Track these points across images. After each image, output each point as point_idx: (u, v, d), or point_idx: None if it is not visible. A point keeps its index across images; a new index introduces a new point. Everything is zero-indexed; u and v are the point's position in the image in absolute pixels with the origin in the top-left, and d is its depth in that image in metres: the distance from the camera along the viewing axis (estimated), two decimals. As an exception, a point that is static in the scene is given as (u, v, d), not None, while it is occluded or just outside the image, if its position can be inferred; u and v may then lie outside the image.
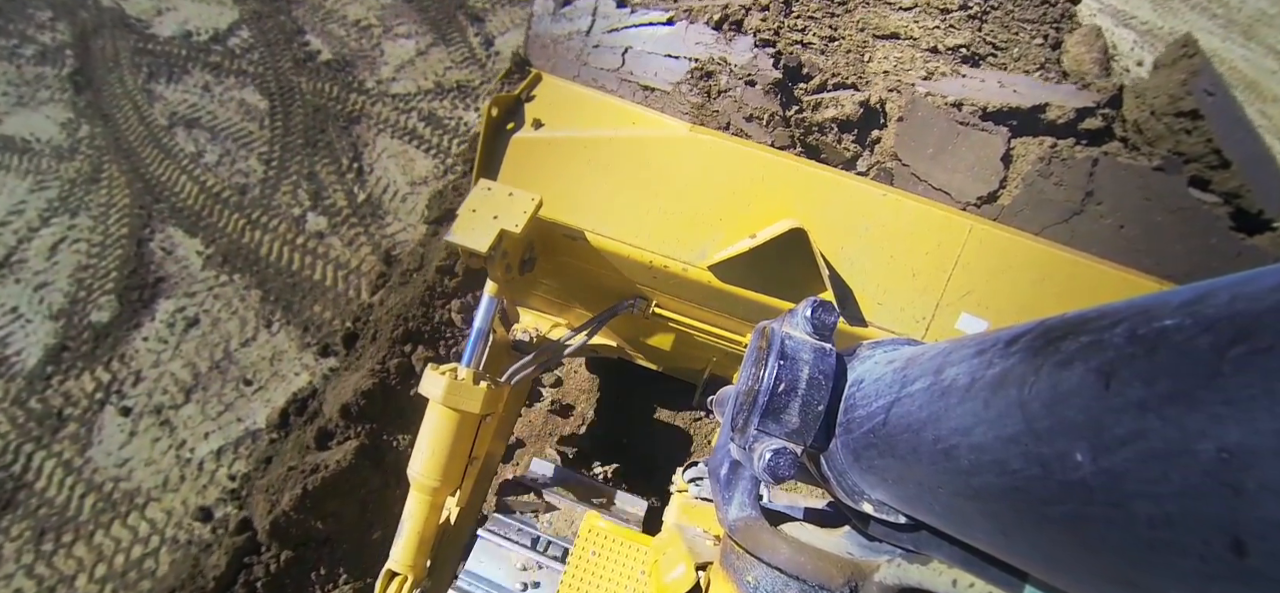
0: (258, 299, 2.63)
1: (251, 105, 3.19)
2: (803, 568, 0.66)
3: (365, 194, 2.94)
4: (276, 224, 2.83)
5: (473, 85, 3.37)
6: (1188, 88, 1.59)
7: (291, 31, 3.49)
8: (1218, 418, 0.24)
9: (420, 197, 2.96)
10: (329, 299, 2.66)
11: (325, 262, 2.76)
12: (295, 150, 3.06)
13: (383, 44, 3.51)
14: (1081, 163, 1.44)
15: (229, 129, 3.11)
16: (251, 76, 3.30)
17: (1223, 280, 0.28)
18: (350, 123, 3.17)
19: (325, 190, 2.94)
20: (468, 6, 3.71)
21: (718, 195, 1.31)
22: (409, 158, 3.08)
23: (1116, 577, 0.32)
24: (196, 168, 2.97)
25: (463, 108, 3.28)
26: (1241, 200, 1.50)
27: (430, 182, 3.01)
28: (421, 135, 3.16)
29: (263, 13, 3.55)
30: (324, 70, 3.35)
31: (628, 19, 1.54)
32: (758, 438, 0.62)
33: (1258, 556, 0.23)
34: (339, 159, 3.04)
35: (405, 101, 3.27)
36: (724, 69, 1.50)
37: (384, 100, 3.26)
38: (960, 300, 1.29)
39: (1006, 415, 0.37)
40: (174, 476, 2.27)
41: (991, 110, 1.61)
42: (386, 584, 1.29)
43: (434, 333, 2.45)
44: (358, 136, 3.14)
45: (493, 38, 3.60)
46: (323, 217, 2.85)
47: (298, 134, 3.12)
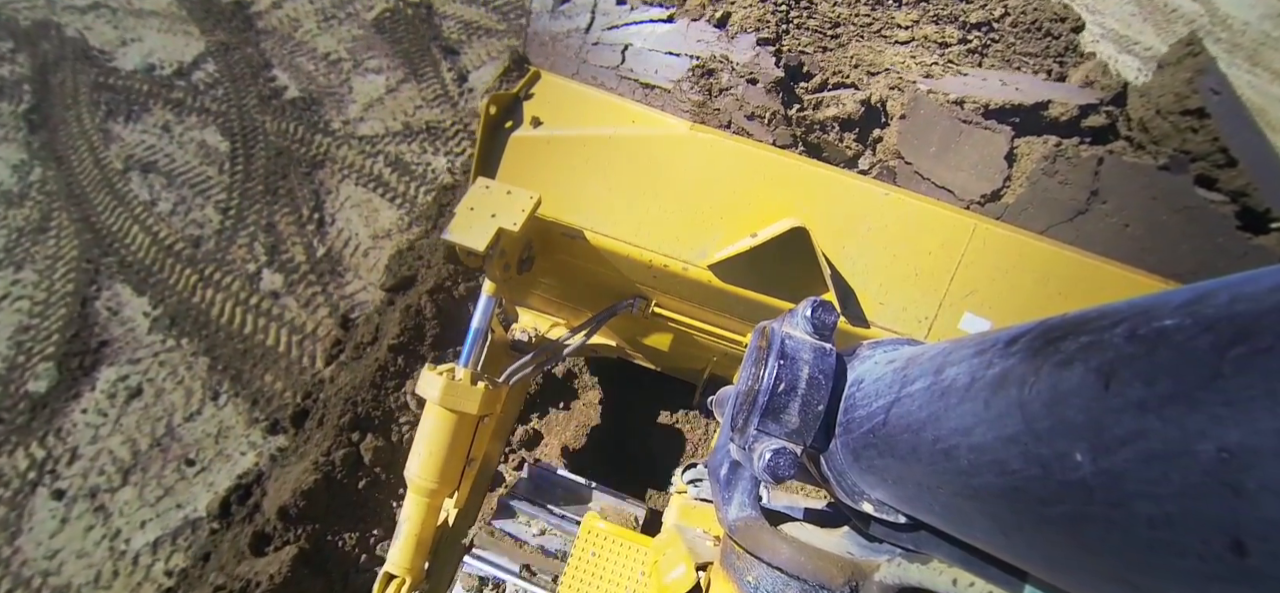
0: (205, 367, 2.43)
1: (212, 147, 3.02)
2: (803, 568, 0.65)
3: (325, 248, 2.75)
4: (230, 282, 2.64)
5: (443, 126, 3.18)
6: (1193, 86, 1.57)
7: (258, 65, 3.33)
8: (1218, 418, 0.24)
9: (382, 251, 2.76)
10: (281, 368, 2.45)
11: (279, 325, 2.55)
12: (254, 198, 2.88)
13: (352, 80, 3.33)
14: (1086, 162, 1.43)
15: (186, 174, 2.94)
16: (214, 115, 3.13)
17: (1223, 281, 0.28)
18: (313, 167, 2.99)
19: (283, 243, 2.75)
20: (442, 38, 3.54)
21: (718, 194, 1.31)
22: (373, 207, 2.90)
23: (1116, 577, 0.32)
24: (150, 217, 2.77)
25: (431, 151, 3.09)
26: (1248, 199, 1.49)
27: (393, 234, 2.81)
28: (387, 182, 2.98)
29: (230, 44, 3.38)
30: (289, 109, 3.18)
31: (627, 16, 1.54)
32: (758, 438, 0.62)
33: (1258, 556, 0.23)
34: (299, 208, 2.85)
35: (372, 144, 3.09)
36: (725, 67, 1.50)
37: (350, 143, 3.09)
38: (963, 300, 1.28)
39: (1006, 415, 0.37)
40: (107, 570, 2.07)
41: (994, 108, 1.60)
42: (384, 586, 1.29)
43: (385, 418, 2.22)
44: (320, 183, 2.95)
45: (467, 72, 3.41)
46: (279, 273, 2.66)
47: (258, 180, 2.94)
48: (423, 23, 3.57)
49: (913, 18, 1.83)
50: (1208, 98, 1.55)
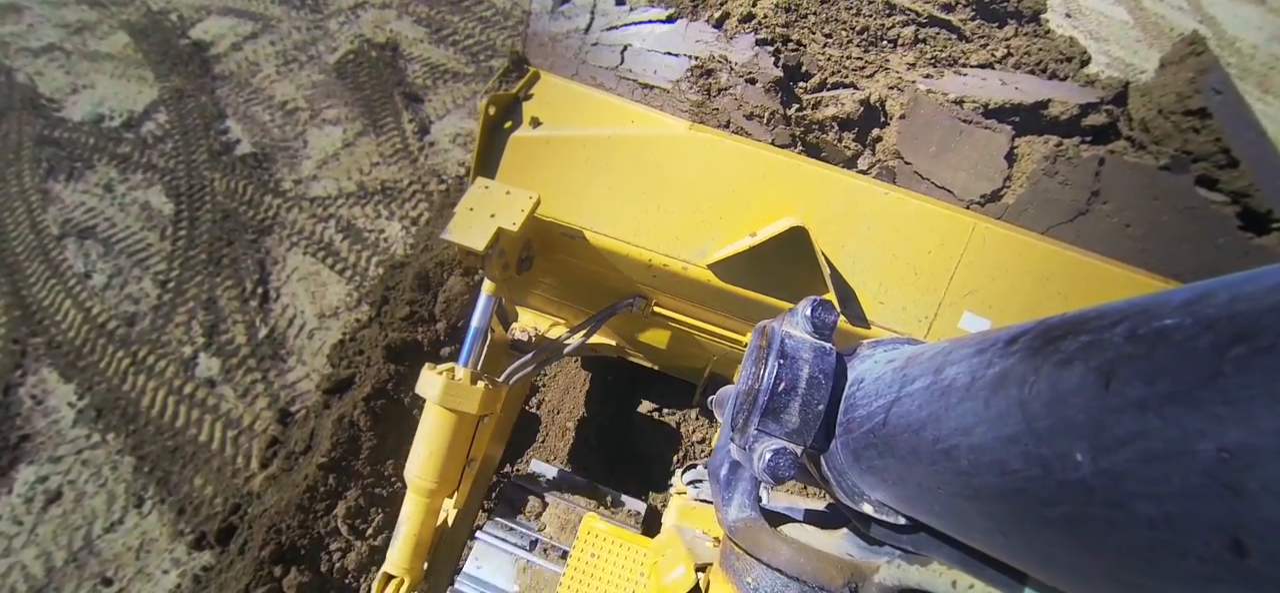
0: (131, 468, 2.19)
1: (155, 210, 2.80)
2: (803, 569, 0.65)
3: (268, 328, 2.52)
4: (163, 367, 2.41)
5: (399, 187, 2.96)
6: (1196, 86, 1.57)
7: (212, 115, 3.15)
8: (1218, 418, 0.24)
9: (329, 332, 2.51)
10: (212, 469, 2.21)
11: (214, 418, 2.32)
12: (196, 269, 2.66)
13: (308, 132, 3.13)
14: (1087, 162, 1.43)
15: (126, 241, 2.71)
16: (160, 173, 2.92)
17: (1223, 280, 0.28)
18: (261, 233, 2.77)
19: (224, 321, 2.53)
20: (406, 83, 3.36)
21: (717, 193, 1.31)
22: (321, 281, 2.67)
23: (1116, 578, 0.32)
24: (83, 291, 2.54)
25: (386, 215, 2.87)
26: (1250, 200, 1.48)
27: (341, 313, 2.58)
28: (337, 251, 2.76)
29: (184, 91, 3.21)
30: (240, 166, 2.98)
31: (627, 16, 1.54)
32: (757, 438, 0.62)
33: (1258, 556, 0.23)
34: (243, 281, 2.63)
35: (324, 207, 2.88)
36: (724, 67, 1.50)
37: (301, 205, 2.87)
38: (963, 299, 1.28)
39: (1006, 415, 0.37)
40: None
41: (994, 108, 1.60)
42: (383, 587, 1.29)
43: (313, 547, 1.96)
44: (267, 252, 2.73)
45: (429, 123, 3.21)
46: (216, 358, 2.44)
47: (202, 247, 2.72)
48: (387, 67, 3.42)
49: (908, 61, 1.83)
50: (1210, 98, 1.54)
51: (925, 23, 1.77)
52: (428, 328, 2.38)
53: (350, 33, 3.61)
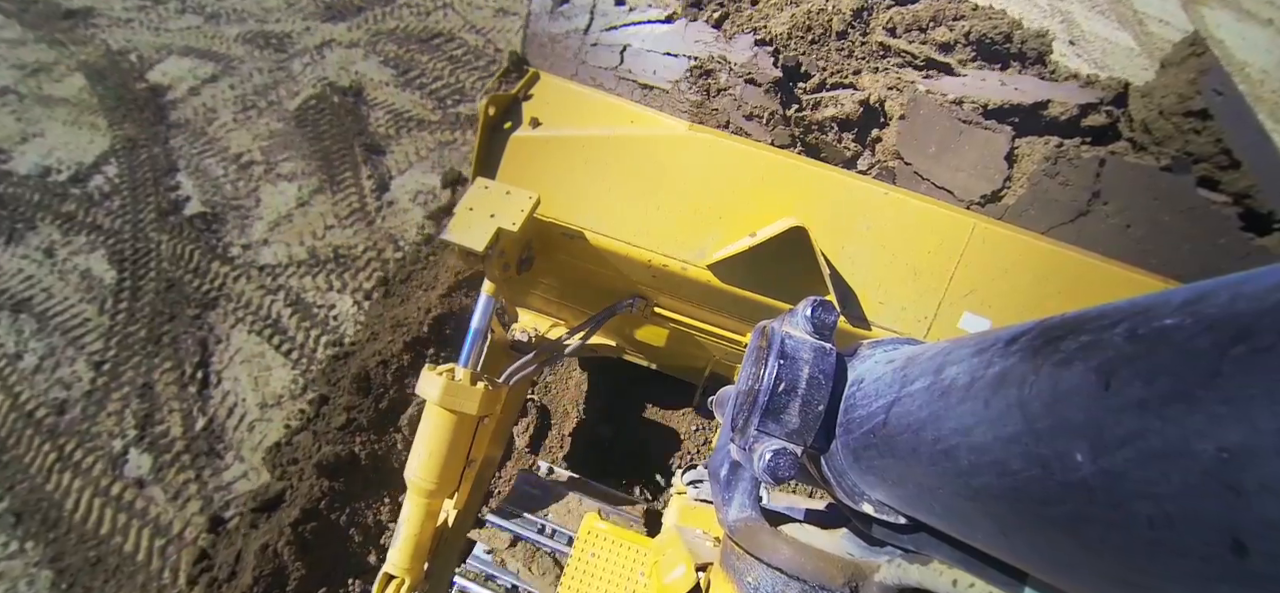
0: (48, 583, 1.98)
1: (96, 278, 2.58)
2: (803, 569, 0.65)
3: (205, 418, 2.31)
4: (91, 463, 2.19)
5: (353, 254, 2.74)
6: (1197, 87, 1.57)
7: (163, 168, 2.95)
8: (1218, 418, 0.24)
9: (270, 426, 2.30)
10: (136, 586, 2.00)
11: (141, 523, 2.11)
12: (134, 349, 2.44)
13: (261, 188, 2.93)
14: (1088, 162, 1.43)
15: (63, 315, 2.49)
16: (105, 235, 2.71)
17: (1223, 280, 0.28)
18: (205, 307, 2.56)
19: (159, 410, 2.31)
20: (368, 132, 3.16)
21: (717, 194, 1.31)
22: (265, 364, 2.46)
23: (1116, 577, 0.32)
24: (13, 373, 2.34)
25: (337, 286, 2.65)
26: (1251, 201, 1.48)
27: (284, 402, 2.36)
28: (284, 329, 2.55)
29: (137, 141, 3.01)
30: (189, 228, 2.77)
31: (626, 17, 1.54)
32: (758, 438, 0.62)
33: (1258, 556, 0.23)
34: (183, 363, 2.42)
35: (273, 276, 2.67)
36: (724, 67, 1.50)
37: (249, 274, 2.66)
38: (963, 300, 1.28)
39: (1006, 415, 0.37)
40: None
41: (993, 108, 1.60)
42: (383, 587, 1.29)
43: None
44: (210, 329, 2.51)
45: (389, 179, 3.01)
46: (148, 454, 2.22)
47: (142, 323, 2.50)
48: (349, 114, 3.22)
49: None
50: (1211, 99, 1.54)
51: (922, 65, 1.77)
52: (365, 437, 2.19)
53: (314, 75, 3.41)
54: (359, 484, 2.17)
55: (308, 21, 3.73)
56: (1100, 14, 4.70)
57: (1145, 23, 4.65)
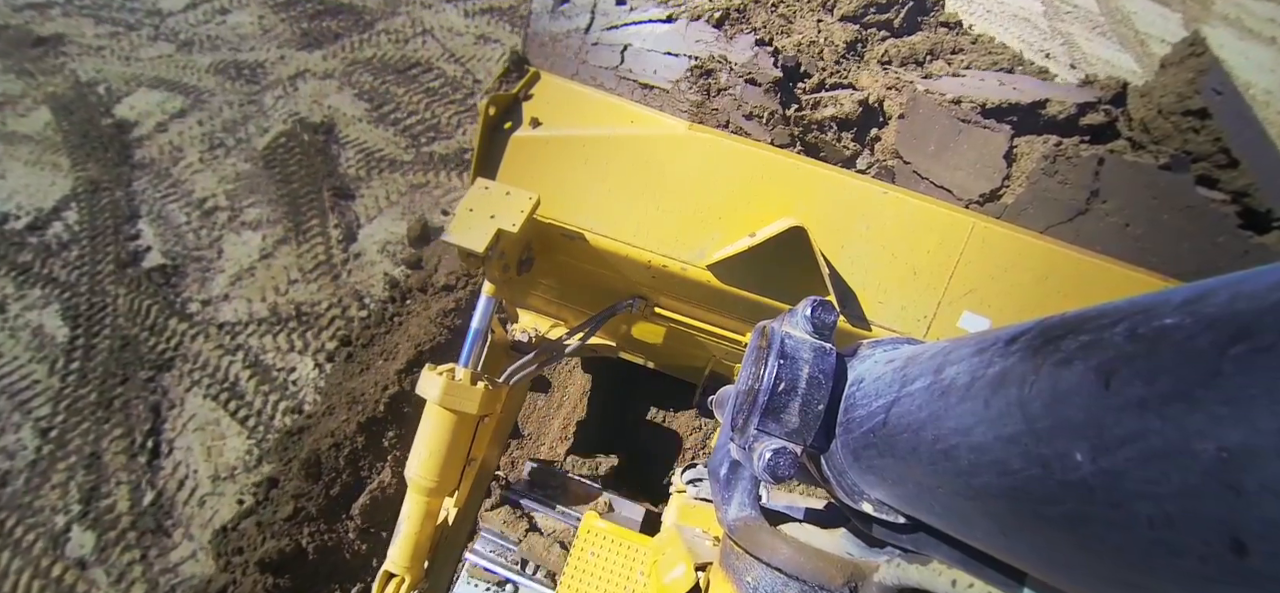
0: None
1: (49, 335, 2.45)
2: (802, 568, 0.65)
3: (154, 492, 2.17)
4: (31, 541, 2.06)
5: (316, 311, 2.59)
6: (1195, 86, 1.57)
7: (125, 215, 2.81)
8: (1218, 418, 0.24)
9: (222, 500, 2.17)
10: None
11: None
12: (84, 414, 2.30)
13: (224, 238, 2.78)
14: (1087, 161, 1.43)
15: (11, 376, 2.37)
16: (61, 288, 2.58)
17: (1223, 279, 0.28)
18: (160, 369, 2.42)
19: (107, 482, 2.17)
20: (338, 174, 3.00)
21: (716, 194, 1.31)
22: (219, 432, 2.32)
23: (1116, 577, 0.32)
24: None
25: (299, 347, 2.50)
26: (1250, 200, 1.48)
27: (237, 475, 2.23)
28: (241, 394, 2.41)
29: (100, 183, 2.87)
30: (147, 281, 2.62)
31: (627, 17, 1.54)
32: (757, 438, 0.62)
33: (1258, 556, 0.23)
34: (134, 430, 2.28)
35: (232, 335, 2.53)
36: (724, 67, 1.50)
37: (207, 333, 2.53)
38: (962, 299, 1.28)
39: (1006, 415, 0.37)
40: None
41: (992, 107, 1.60)
42: (384, 586, 1.29)
43: None
44: (164, 393, 2.37)
45: (356, 227, 2.86)
46: (91, 531, 2.09)
47: (93, 385, 2.37)
48: (319, 154, 3.08)
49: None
50: (1210, 98, 1.54)
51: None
52: (314, 528, 2.04)
53: (285, 110, 3.26)
54: (305, 580, 2.00)
55: (282, 49, 3.57)
56: (1101, 35, 4.65)
57: (1146, 43, 4.59)
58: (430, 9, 3.96)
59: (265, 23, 3.76)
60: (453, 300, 2.54)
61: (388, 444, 2.24)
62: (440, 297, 2.59)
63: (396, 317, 2.61)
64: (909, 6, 1.99)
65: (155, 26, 3.66)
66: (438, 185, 3.10)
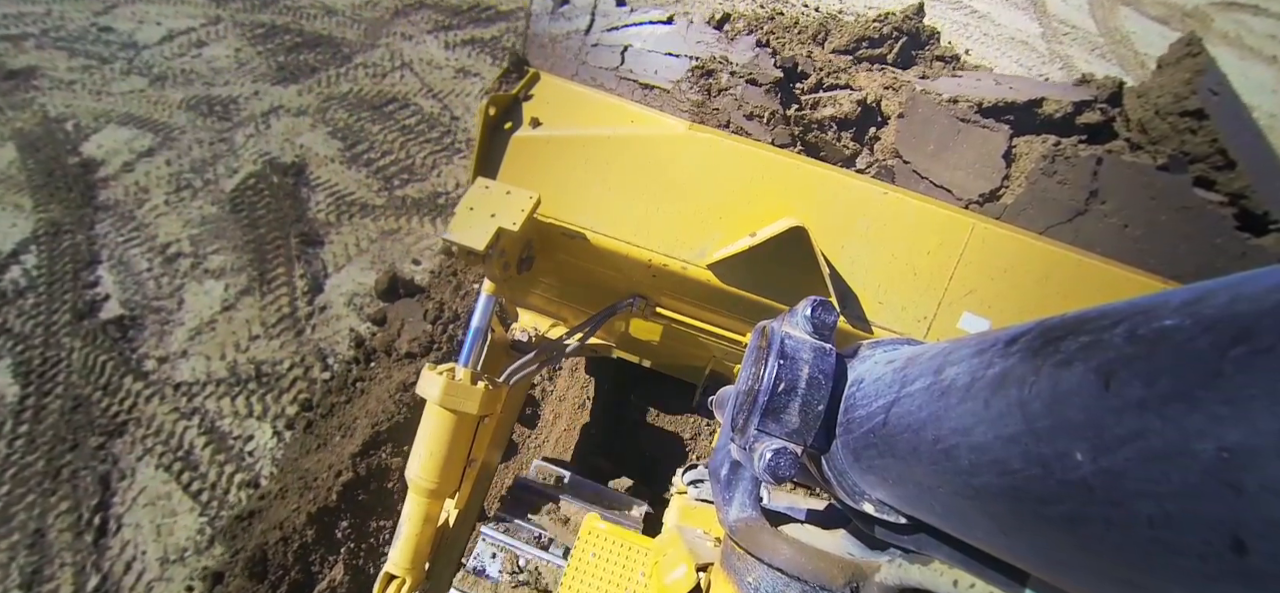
0: None
1: None
2: (803, 569, 0.65)
3: (100, 576, 2.02)
4: None
5: (278, 371, 2.46)
6: (1192, 87, 1.58)
7: (85, 260, 2.68)
8: (1218, 418, 0.24)
9: (170, 586, 2.02)
10: None
11: None
12: (30, 485, 2.15)
13: (186, 288, 2.65)
14: (1085, 161, 1.44)
15: None
16: (15, 340, 2.45)
17: (1223, 280, 0.28)
18: (111, 434, 2.27)
19: (50, 563, 2.02)
20: (307, 218, 2.88)
21: (717, 194, 1.31)
22: (171, 508, 2.17)
23: (1117, 577, 0.32)
24: None
25: (258, 412, 2.37)
26: (1247, 201, 1.49)
27: (188, 557, 2.08)
28: (195, 463, 2.26)
29: (61, 226, 2.76)
30: (103, 334, 2.48)
31: (627, 17, 1.55)
32: (758, 438, 0.62)
33: (1258, 555, 0.23)
34: (81, 505, 2.14)
35: (189, 397, 2.38)
36: (725, 68, 1.50)
37: (163, 393, 2.38)
38: (962, 300, 1.28)
39: (1006, 415, 0.37)
40: None
41: (988, 106, 1.61)
42: (385, 587, 1.29)
43: None
44: (115, 462, 2.21)
45: (323, 277, 2.73)
46: None
47: (41, 452, 2.21)
48: (288, 197, 2.97)
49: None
50: (1207, 99, 1.55)
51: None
52: None
53: (256, 149, 3.16)
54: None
55: (257, 84, 3.49)
56: (1100, 56, 4.63)
57: (1147, 64, 4.58)
58: (411, 40, 3.90)
59: (241, 56, 3.67)
60: (414, 371, 2.38)
61: (340, 536, 2.10)
62: (403, 365, 2.44)
63: (359, 381, 2.45)
64: (903, 41, 1.99)
65: (129, 60, 3.56)
66: (409, 232, 2.99)
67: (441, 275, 2.81)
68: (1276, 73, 4.68)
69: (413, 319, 2.63)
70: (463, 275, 2.74)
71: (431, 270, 2.86)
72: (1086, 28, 4.96)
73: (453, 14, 4.22)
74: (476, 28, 4.12)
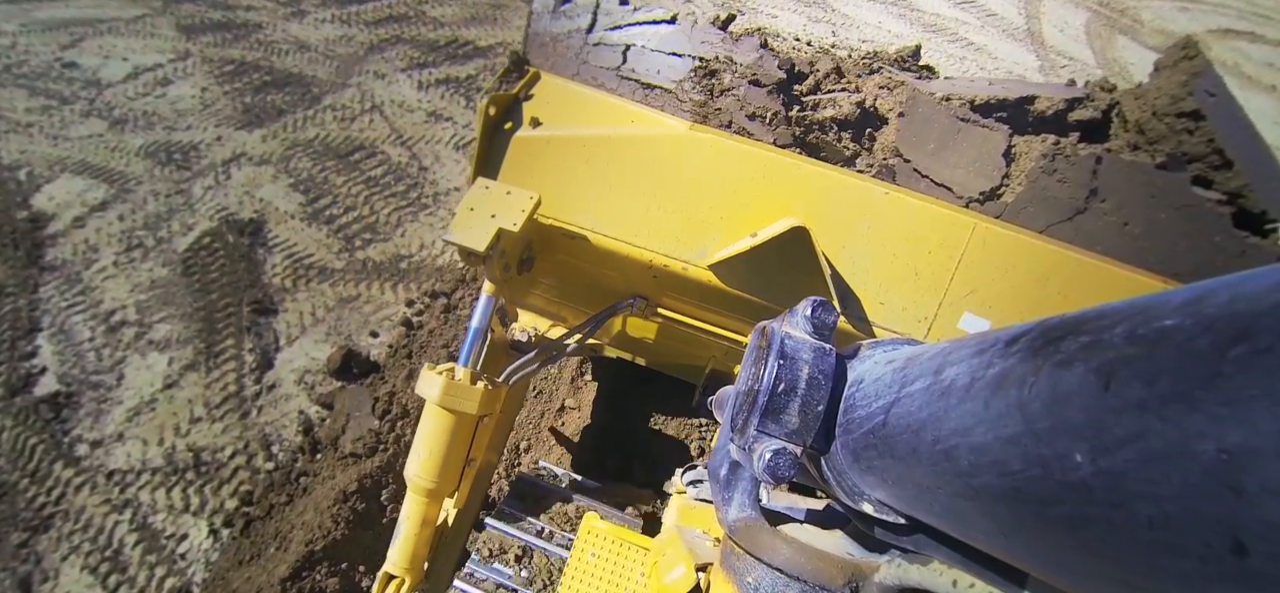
0: None
1: None
2: (803, 569, 0.66)
3: None
4: None
5: (219, 459, 2.26)
6: (1189, 88, 1.58)
7: (25, 327, 2.50)
8: (1218, 419, 0.24)
9: None
10: None
11: None
12: None
13: (128, 360, 2.46)
14: (1084, 159, 1.44)
15: None
16: None
17: (1222, 280, 0.28)
18: (36, 530, 2.09)
19: None
20: (262, 284, 2.71)
21: (718, 194, 1.31)
22: None
23: (1116, 578, 0.32)
24: None
25: (193, 507, 2.19)
26: (1244, 200, 1.49)
27: None
28: (124, 565, 2.05)
29: (3, 288, 2.60)
30: (36, 413, 2.31)
31: (630, 17, 1.54)
32: (757, 438, 0.62)
33: (1258, 557, 0.23)
34: None
35: (122, 486, 2.19)
36: (728, 68, 1.50)
37: (95, 482, 2.19)
38: (963, 300, 1.28)
39: (1006, 416, 0.37)
40: None
41: (979, 103, 1.62)
42: (384, 587, 1.29)
43: None
44: (38, 562, 2.03)
45: (274, 352, 2.55)
46: None
47: None
48: (243, 259, 2.80)
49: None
50: (1203, 100, 1.55)
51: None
52: None
53: (214, 203, 2.98)
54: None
55: (221, 128, 3.31)
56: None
57: None
58: (383, 79, 3.75)
59: (207, 96, 3.47)
60: (356, 475, 2.16)
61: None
62: (346, 466, 2.21)
63: (303, 476, 2.26)
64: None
65: (91, 100, 3.36)
66: (368, 300, 2.80)
67: (397, 353, 2.61)
68: (1276, 102, 4.58)
69: (359, 413, 2.37)
70: (418, 358, 2.55)
71: (389, 345, 2.66)
72: (1084, 58, 4.94)
73: (429, 50, 4.08)
74: (453, 65, 3.98)
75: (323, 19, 4.20)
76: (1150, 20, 5.33)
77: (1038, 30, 5.15)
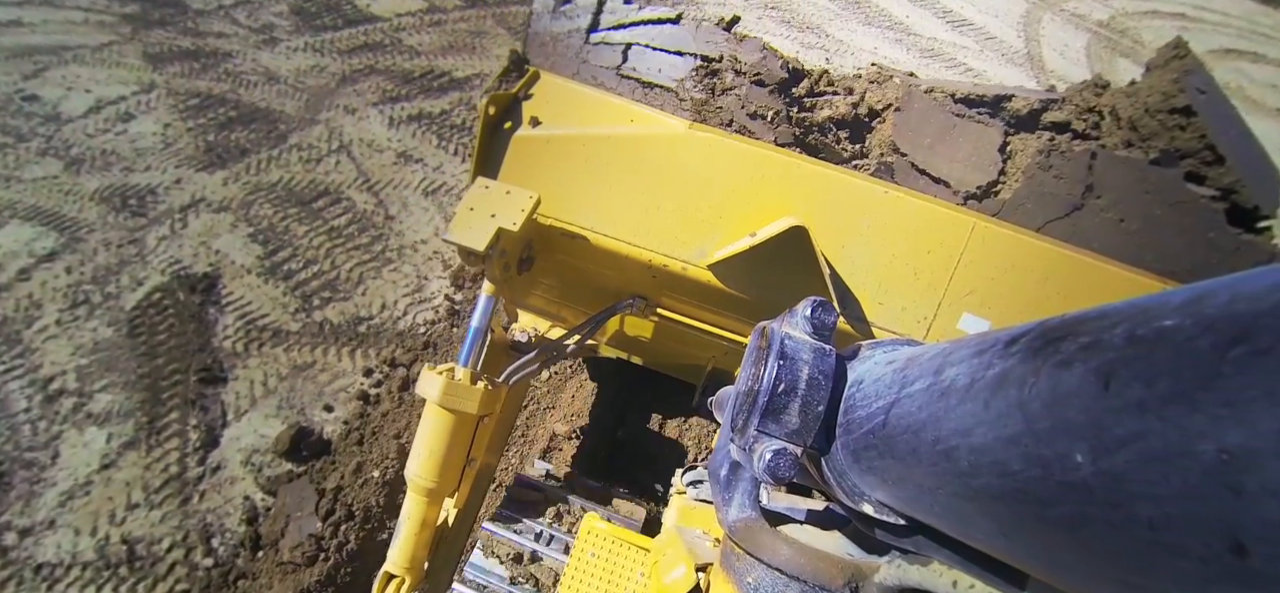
0: None
1: None
2: (803, 569, 0.66)
3: None
4: None
5: (154, 554, 2.07)
6: (1180, 86, 1.59)
7: None
8: (1218, 419, 0.24)
9: None
10: None
11: None
12: None
13: (64, 435, 2.26)
14: (1079, 156, 1.45)
15: None
16: None
17: (1222, 280, 0.28)
18: None
19: None
20: (212, 348, 2.52)
21: (717, 193, 1.31)
22: None
23: (1116, 578, 0.32)
24: None
25: None
26: (1237, 196, 1.50)
27: None
28: None
29: None
30: None
31: (632, 16, 1.54)
32: (757, 439, 0.62)
33: (1258, 557, 0.23)
34: None
35: (49, 582, 2.01)
36: (731, 67, 1.50)
37: (20, 577, 2.01)
38: (962, 300, 1.28)
39: (1006, 416, 0.37)
40: None
41: (960, 97, 1.63)
42: (384, 586, 1.29)
43: None
44: None
45: (221, 428, 2.36)
46: None
47: None
48: (193, 319, 2.60)
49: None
50: (1194, 97, 1.56)
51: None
52: None
53: (167, 255, 2.78)
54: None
55: (181, 169, 3.11)
56: None
57: None
58: (353, 114, 3.52)
59: (170, 133, 3.26)
60: (293, 584, 2.00)
61: None
62: (285, 574, 2.02)
63: (241, 580, 2.07)
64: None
65: (48, 137, 3.14)
66: (324, 368, 2.60)
67: (351, 432, 2.39)
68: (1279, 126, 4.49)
69: (300, 514, 2.16)
70: (369, 446, 2.34)
71: (344, 420, 2.44)
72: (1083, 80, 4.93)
73: (403, 82, 3.82)
74: (427, 99, 3.72)
75: (295, 47, 3.98)
76: (1152, 41, 5.25)
77: (1037, 54, 5.01)
